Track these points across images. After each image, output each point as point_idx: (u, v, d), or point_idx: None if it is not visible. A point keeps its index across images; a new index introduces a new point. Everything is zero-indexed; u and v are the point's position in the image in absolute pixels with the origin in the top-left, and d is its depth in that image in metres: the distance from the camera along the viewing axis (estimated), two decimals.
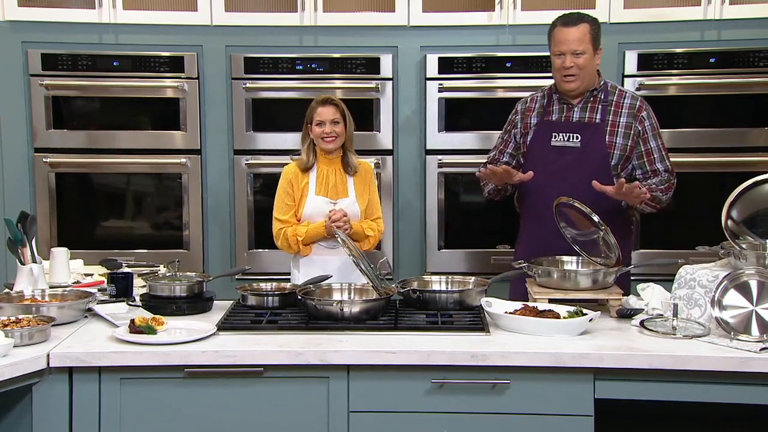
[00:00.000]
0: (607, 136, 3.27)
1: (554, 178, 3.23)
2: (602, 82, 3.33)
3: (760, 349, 2.48)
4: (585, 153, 3.27)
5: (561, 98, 3.34)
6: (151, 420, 2.54)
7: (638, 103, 3.31)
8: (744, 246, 2.79)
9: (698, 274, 2.79)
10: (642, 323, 2.73)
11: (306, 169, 3.50)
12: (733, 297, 2.64)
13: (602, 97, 3.31)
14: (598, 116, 3.29)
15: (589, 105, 3.31)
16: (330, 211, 3.39)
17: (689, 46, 4.19)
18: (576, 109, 3.32)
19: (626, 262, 3.07)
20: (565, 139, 3.29)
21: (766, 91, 4.17)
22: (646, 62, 4.19)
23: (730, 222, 2.83)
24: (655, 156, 3.29)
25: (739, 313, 2.62)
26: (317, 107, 3.47)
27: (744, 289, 2.63)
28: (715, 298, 2.65)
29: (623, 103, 3.30)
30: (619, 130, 3.27)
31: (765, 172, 2.94)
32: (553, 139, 3.31)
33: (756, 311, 2.60)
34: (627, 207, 3.31)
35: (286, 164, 4.34)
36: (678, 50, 4.19)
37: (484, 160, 3.55)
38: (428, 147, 4.31)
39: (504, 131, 3.51)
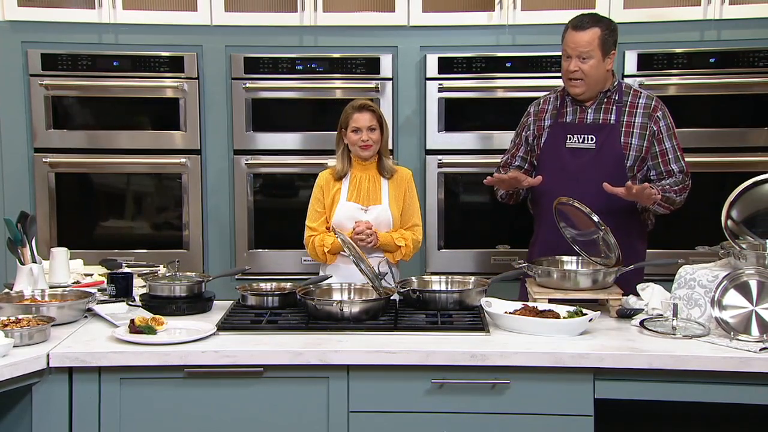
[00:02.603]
0: (622, 137, 3.24)
1: (569, 180, 3.20)
2: (616, 83, 3.30)
3: (760, 349, 2.48)
4: (600, 154, 3.24)
5: (574, 100, 3.31)
6: (150, 420, 2.54)
7: (653, 103, 3.28)
8: (744, 246, 2.79)
9: (698, 274, 2.79)
10: (642, 323, 2.73)
11: (340, 177, 3.45)
12: (732, 297, 2.64)
13: (616, 97, 3.28)
14: (613, 117, 3.27)
15: (603, 106, 3.28)
16: (355, 222, 3.35)
17: (689, 46, 4.19)
18: (589, 110, 3.29)
19: (636, 265, 3.06)
20: (580, 140, 3.27)
21: (766, 91, 4.17)
22: (646, 62, 4.19)
23: (730, 222, 2.83)
24: (670, 156, 3.27)
25: (738, 313, 2.62)
26: (353, 113, 3.39)
27: (744, 289, 2.63)
28: (715, 298, 2.65)
29: (638, 103, 3.28)
30: (634, 130, 3.25)
31: (765, 172, 2.94)
32: (567, 141, 3.29)
33: (756, 311, 2.60)
34: (642, 209, 3.30)
35: (286, 164, 4.37)
36: (678, 50, 4.19)
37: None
38: (428, 147, 4.30)
39: (515, 134, 3.48)
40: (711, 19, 4.16)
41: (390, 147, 4.27)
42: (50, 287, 3.09)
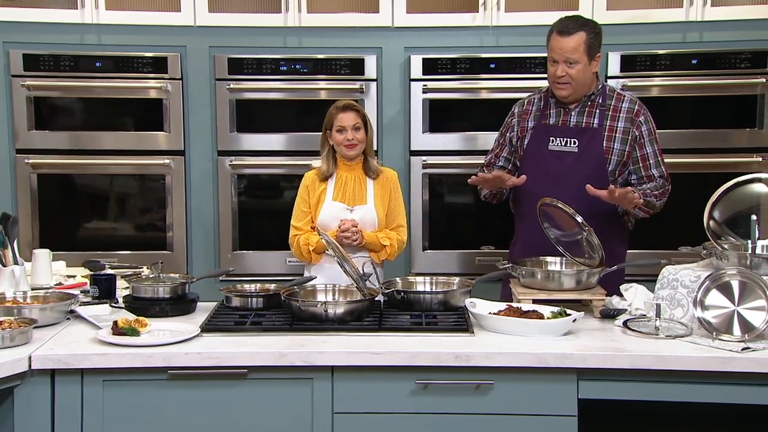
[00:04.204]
0: (604, 142, 3.25)
1: (551, 183, 3.21)
2: (600, 86, 3.31)
3: (742, 349, 2.50)
4: (582, 158, 3.25)
5: (558, 102, 3.31)
6: (134, 422, 2.53)
7: (636, 107, 3.28)
8: (726, 246, 2.81)
9: (681, 274, 2.81)
10: (625, 323, 2.74)
11: (326, 178, 3.46)
12: (715, 297, 2.65)
13: (600, 101, 3.29)
14: (596, 121, 3.28)
15: (587, 109, 3.29)
16: (341, 221, 3.36)
17: (671, 47, 4.22)
18: (573, 113, 3.30)
19: (620, 265, 3.08)
20: (563, 143, 3.28)
21: (748, 93, 4.21)
22: (629, 63, 4.21)
23: (712, 222, 2.85)
24: (651, 162, 3.28)
25: (721, 313, 2.63)
26: (337, 113, 3.40)
27: (726, 290, 2.64)
28: (698, 299, 2.66)
29: (621, 107, 3.28)
30: (617, 135, 3.26)
31: (747, 173, 2.97)
32: (550, 144, 3.29)
33: (738, 311, 2.61)
34: (623, 212, 3.31)
35: (271, 165, 4.36)
36: (660, 52, 4.22)
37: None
38: (412, 148, 4.31)
39: (500, 134, 3.49)
40: (693, 21, 4.19)
41: (375, 148, 4.27)
42: (32, 289, 3.07)
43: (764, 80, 4.17)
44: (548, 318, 2.71)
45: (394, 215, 3.49)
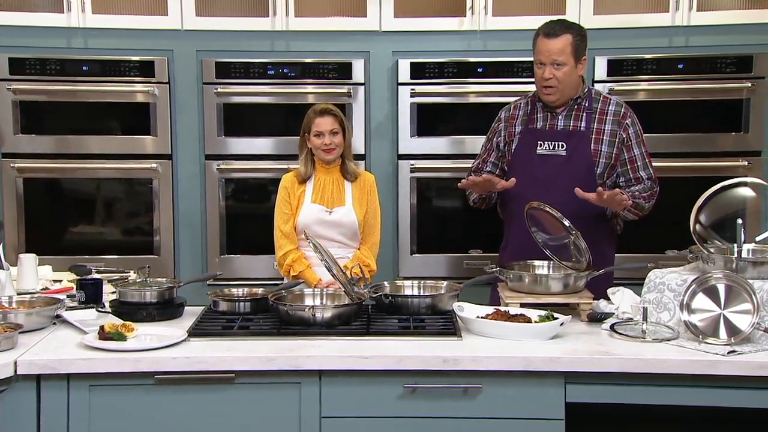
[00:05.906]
0: (592, 144, 3.27)
1: (539, 186, 3.21)
2: (585, 89, 3.33)
3: (728, 353, 2.51)
4: (571, 161, 3.27)
5: (545, 106, 3.33)
6: (120, 428, 2.52)
7: (623, 110, 3.30)
8: (712, 250, 2.82)
9: (667, 277, 2.81)
10: (612, 327, 2.74)
11: (304, 180, 3.50)
12: (701, 301, 2.66)
13: (586, 104, 3.30)
14: (583, 124, 3.29)
15: (573, 113, 3.30)
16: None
17: (658, 52, 4.25)
18: (560, 117, 3.31)
19: (606, 269, 3.09)
20: (551, 147, 3.29)
21: (733, 97, 4.23)
22: (616, 68, 4.24)
23: (698, 226, 2.86)
24: (639, 164, 3.30)
25: (707, 317, 2.64)
26: (315, 117, 3.45)
27: (712, 293, 2.65)
28: (684, 302, 2.67)
29: (608, 110, 3.30)
30: (604, 138, 3.27)
31: (732, 177, 2.98)
32: (538, 148, 3.30)
33: (724, 315, 2.62)
34: (612, 215, 3.33)
35: (258, 169, 4.35)
36: (647, 56, 4.24)
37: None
38: (400, 152, 4.31)
39: (487, 139, 3.50)
40: (679, 26, 4.21)
41: (362, 152, 4.30)
42: (18, 294, 3.05)
43: (750, 84, 4.20)
44: (536, 322, 2.72)
45: (370, 216, 3.54)
